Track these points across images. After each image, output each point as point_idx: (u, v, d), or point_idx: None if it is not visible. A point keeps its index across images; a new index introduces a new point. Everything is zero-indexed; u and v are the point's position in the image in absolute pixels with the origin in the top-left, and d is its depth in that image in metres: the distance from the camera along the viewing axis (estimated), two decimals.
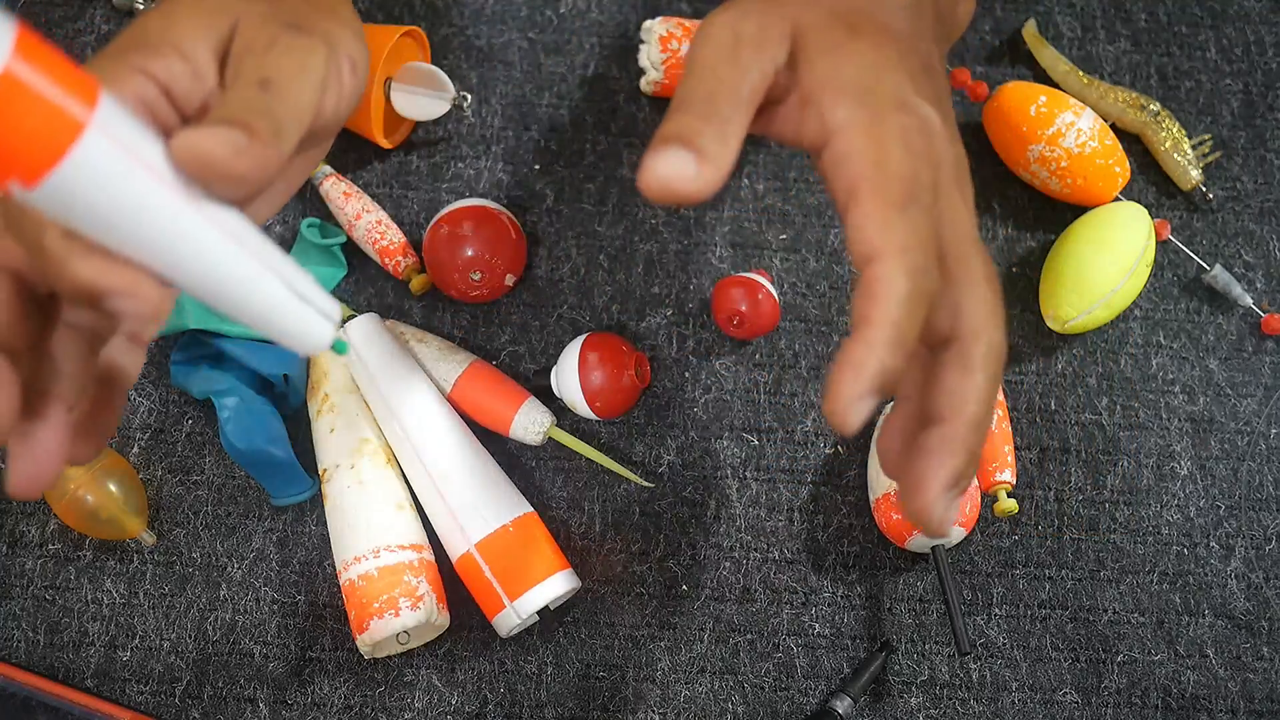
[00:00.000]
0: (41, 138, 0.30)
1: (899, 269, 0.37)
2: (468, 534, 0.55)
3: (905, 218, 0.38)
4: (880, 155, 0.38)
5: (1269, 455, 0.62)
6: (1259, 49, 0.70)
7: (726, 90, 0.40)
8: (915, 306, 0.37)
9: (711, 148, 0.39)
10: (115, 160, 0.32)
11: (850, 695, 0.56)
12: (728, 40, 0.42)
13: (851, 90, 0.40)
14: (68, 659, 0.56)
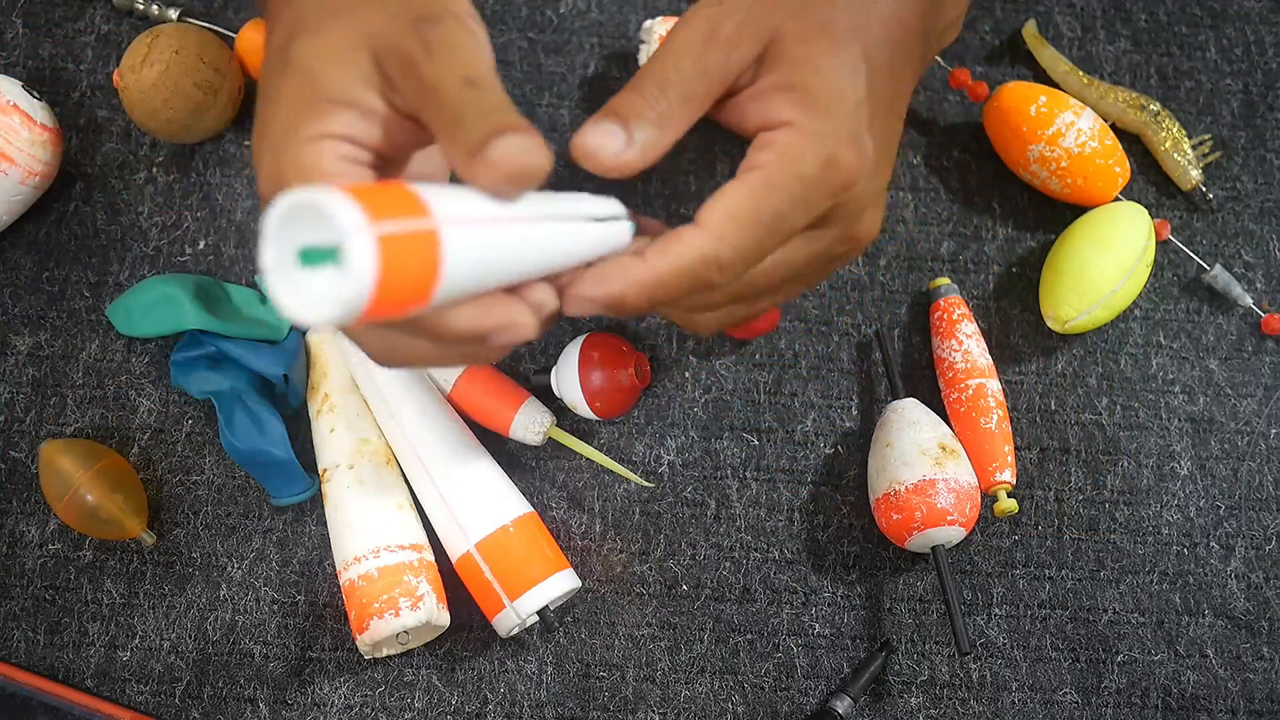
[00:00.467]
0: (418, 266, 0.33)
1: (713, 247, 0.40)
2: (468, 534, 0.55)
3: (758, 230, 0.41)
4: (793, 165, 0.41)
5: (1269, 455, 0.62)
6: (1259, 49, 0.70)
7: (682, 84, 0.42)
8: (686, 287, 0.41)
9: (644, 134, 0.41)
10: (467, 235, 0.34)
11: (850, 695, 0.56)
12: (703, 33, 0.43)
13: (811, 99, 0.42)
14: (68, 659, 0.56)
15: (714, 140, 0.67)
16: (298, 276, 0.33)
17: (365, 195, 0.32)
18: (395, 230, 0.31)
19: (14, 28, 0.68)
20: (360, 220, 0.31)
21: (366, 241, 0.31)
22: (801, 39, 0.43)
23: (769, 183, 0.41)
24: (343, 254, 0.31)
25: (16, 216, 0.62)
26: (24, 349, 0.61)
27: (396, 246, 0.31)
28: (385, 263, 0.31)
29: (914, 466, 0.56)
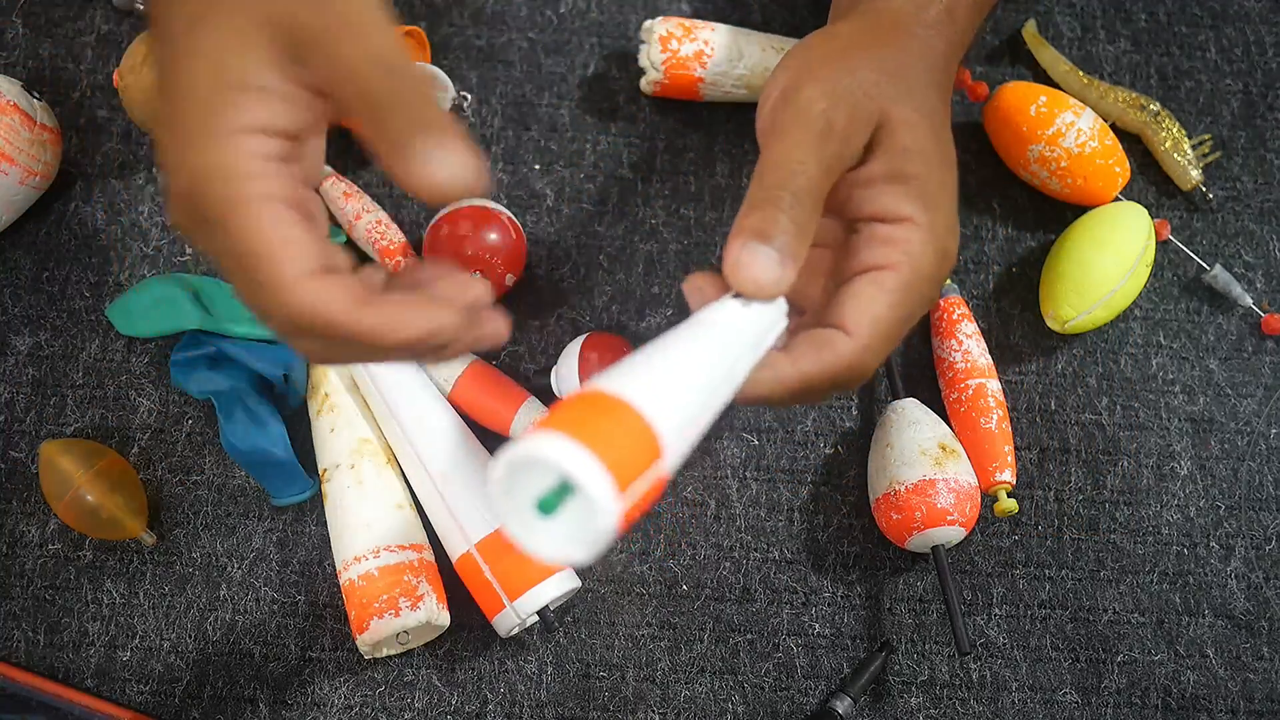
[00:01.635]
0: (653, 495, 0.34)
1: (861, 358, 0.42)
2: (468, 534, 0.55)
3: (894, 333, 0.42)
4: (920, 264, 0.43)
5: (1269, 455, 0.62)
6: (1259, 49, 0.70)
7: (812, 188, 0.42)
8: (826, 389, 0.42)
9: (790, 247, 0.41)
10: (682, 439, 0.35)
11: (850, 695, 0.56)
12: (819, 129, 0.42)
13: (924, 191, 0.43)
14: (68, 659, 0.56)
15: (714, 140, 0.67)
16: (538, 524, 0.33)
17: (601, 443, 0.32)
18: (638, 489, 0.32)
19: (14, 28, 0.68)
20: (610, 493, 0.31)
21: (612, 506, 0.32)
22: (905, 123, 0.44)
23: (904, 286, 0.42)
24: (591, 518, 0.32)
25: (17, 216, 0.62)
26: (24, 349, 0.61)
27: (639, 499, 0.33)
28: (628, 510, 0.32)
29: (914, 466, 0.56)
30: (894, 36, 0.47)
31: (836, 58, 0.45)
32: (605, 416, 0.33)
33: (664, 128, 0.67)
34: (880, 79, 0.44)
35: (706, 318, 0.40)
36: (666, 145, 0.67)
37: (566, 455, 0.31)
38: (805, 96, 0.43)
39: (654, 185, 0.66)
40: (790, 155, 0.42)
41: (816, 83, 0.43)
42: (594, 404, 0.34)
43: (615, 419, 0.33)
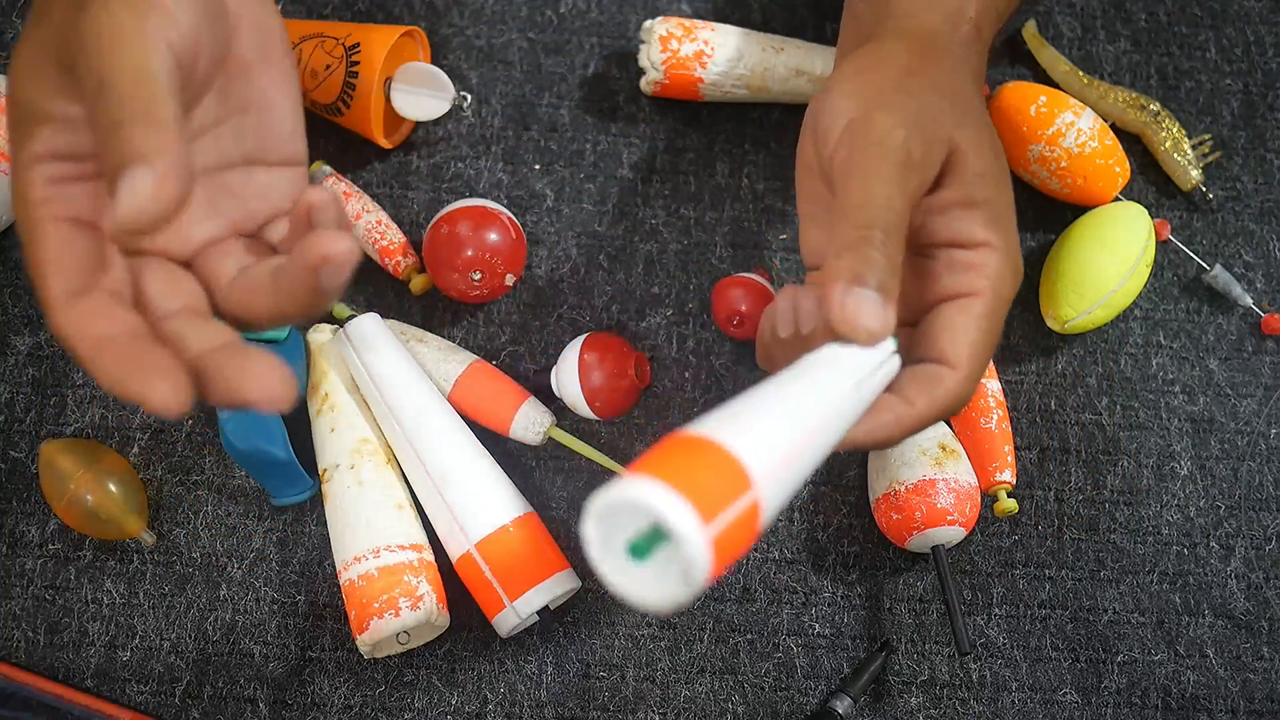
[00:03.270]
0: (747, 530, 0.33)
1: (966, 388, 0.43)
2: (468, 534, 0.55)
3: (987, 357, 0.43)
4: (1000, 287, 0.43)
5: (1269, 455, 0.62)
6: (1259, 49, 0.70)
7: (899, 223, 0.41)
8: (936, 420, 0.43)
9: (891, 285, 0.41)
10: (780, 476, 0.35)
11: (850, 695, 0.56)
12: (900, 160, 0.42)
13: (997, 215, 0.44)
14: (68, 659, 0.56)
15: (714, 140, 0.67)
16: (633, 569, 0.33)
17: (690, 485, 0.32)
18: (726, 520, 0.32)
19: (14, 28, 0.68)
20: (695, 526, 0.31)
21: (703, 545, 0.31)
22: (973, 148, 0.44)
23: (990, 312, 0.43)
24: (683, 558, 0.32)
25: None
26: (24, 349, 0.61)
27: (729, 533, 0.32)
28: (720, 550, 0.32)
29: (914, 466, 0.56)
30: (940, 57, 0.46)
31: (900, 83, 0.44)
32: (687, 455, 0.33)
33: (664, 128, 0.67)
34: (943, 104, 0.44)
35: (806, 361, 0.40)
36: (666, 145, 0.67)
37: (647, 496, 0.31)
38: (881, 126, 0.42)
39: (654, 185, 0.66)
40: (877, 190, 0.41)
41: (889, 111, 0.42)
42: (677, 445, 0.34)
43: (697, 456, 0.33)
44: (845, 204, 0.41)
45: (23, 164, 0.37)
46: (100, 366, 0.34)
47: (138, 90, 0.34)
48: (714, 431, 0.34)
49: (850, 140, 0.43)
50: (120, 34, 0.35)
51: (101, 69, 0.34)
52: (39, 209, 0.36)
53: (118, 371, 0.34)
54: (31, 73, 0.37)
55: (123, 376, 0.34)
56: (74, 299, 0.35)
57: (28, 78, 0.37)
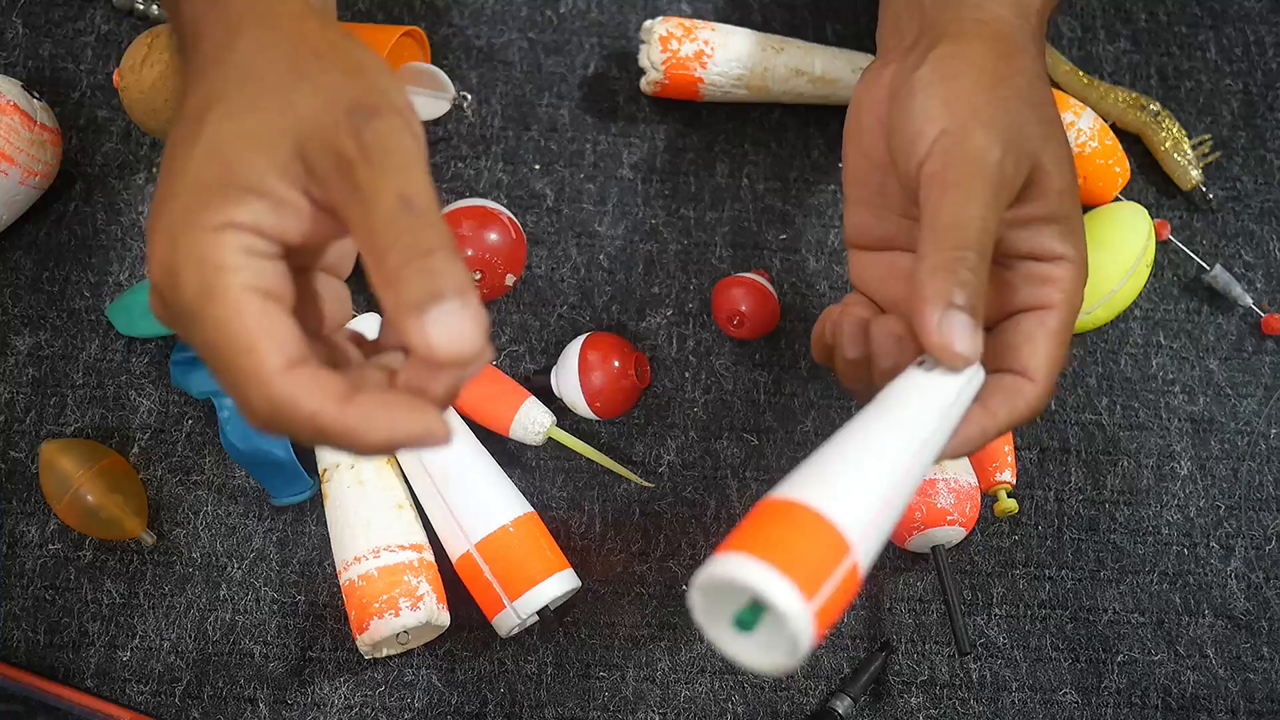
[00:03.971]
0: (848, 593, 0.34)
1: (1044, 400, 0.43)
2: (468, 534, 0.55)
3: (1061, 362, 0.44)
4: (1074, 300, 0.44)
5: (1269, 455, 0.62)
6: (1259, 49, 0.70)
7: (991, 244, 0.42)
8: (1016, 427, 0.43)
9: (981, 307, 0.41)
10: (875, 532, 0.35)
11: (850, 695, 0.56)
12: (996, 180, 0.42)
13: (1072, 230, 0.44)
14: (68, 659, 0.56)
15: (714, 140, 0.67)
16: (741, 639, 0.34)
17: (790, 561, 0.32)
18: (828, 591, 0.33)
19: (14, 28, 0.68)
20: (798, 605, 0.32)
21: (807, 621, 0.32)
22: (1055, 165, 0.44)
23: (1065, 326, 0.44)
24: (789, 635, 0.33)
25: (16, 217, 0.62)
26: (24, 349, 0.61)
27: (831, 602, 0.33)
28: (823, 618, 0.33)
29: None
30: (1019, 61, 0.46)
31: (993, 95, 0.44)
32: (783, 526, 0.34)
33: (664, 128, 0.67)
34: (1030, 118, 0.44)
35: (892, 398, 0.40)
36: (666, 145, 0.67)
37: (749, 574, 0.32)
38: (979, 144, 0.42)
39: (654, 185, 0.66)
40: (971, 211, 0.41)
41: (985, 127, 0.42)
42: (774, 513, 0.34)
43: (794, 526, 0.34)
44: (939, 221, 0.41)
45: (212, 227, 0.35)
46: (350, 423, 0.34)
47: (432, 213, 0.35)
48: (808, 496, 0.35)
49: (945, 154, 0.42)
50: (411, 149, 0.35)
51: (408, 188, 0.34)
52: (227, 276, 0.34)
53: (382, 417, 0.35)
54: (261, 145, 0.35)
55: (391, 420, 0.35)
56: (294, 368, 0.35)
57: (255, 149, 0.35)
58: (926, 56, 0.45)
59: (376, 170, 0.35)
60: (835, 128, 0.67)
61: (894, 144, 0.45)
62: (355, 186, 0.35)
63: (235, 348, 0.34)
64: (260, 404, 0.35)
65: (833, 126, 0.67)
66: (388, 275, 0.34)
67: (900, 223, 0.48)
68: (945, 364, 0.40)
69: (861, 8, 0.70)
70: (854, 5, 0.70)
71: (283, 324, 0.35)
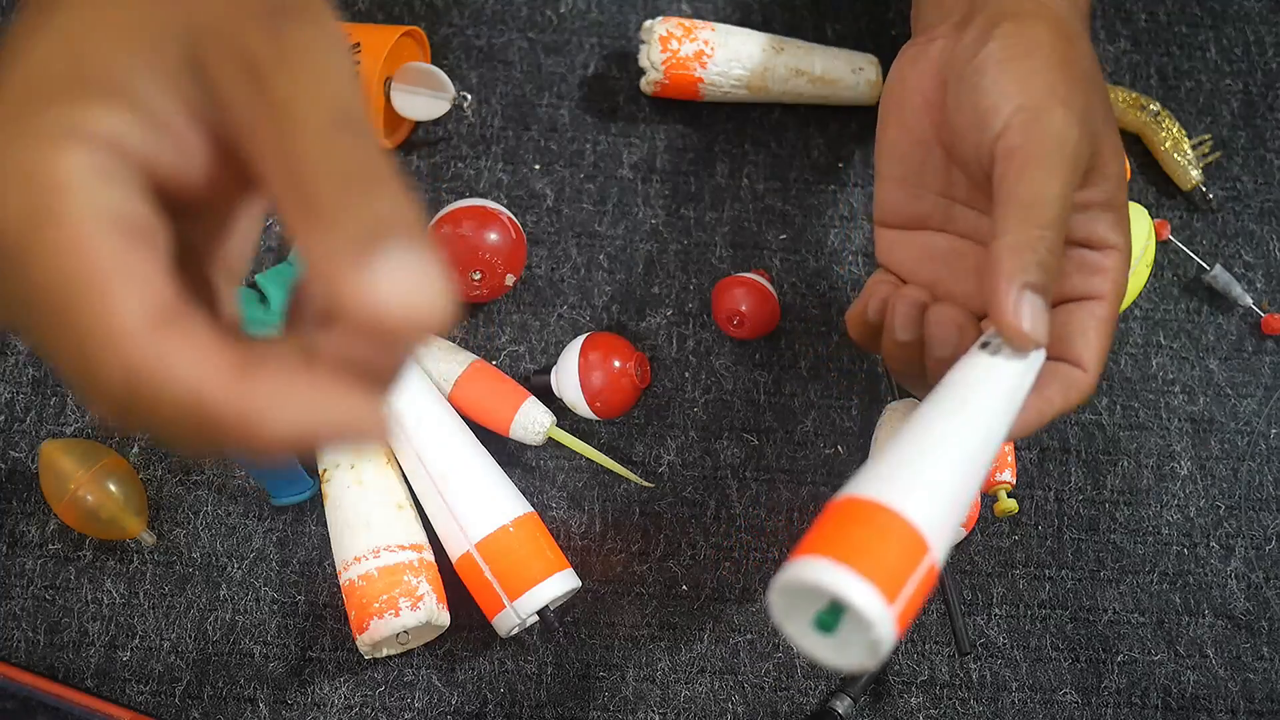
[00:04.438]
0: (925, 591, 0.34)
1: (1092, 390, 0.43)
2: (468, 534, 0.55)
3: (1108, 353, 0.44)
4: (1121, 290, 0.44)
5: (1269, 455, 0.62)
6: (1259, 49, 0.70)
7: (1065, 225, 0.41)
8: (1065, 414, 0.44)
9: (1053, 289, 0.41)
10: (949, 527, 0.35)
11: (850, 695, 0.56)
12: (1074, 161, 0.42)
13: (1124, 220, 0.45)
14: (68, 659, 0.56)
15: (714, 140, 0.67)
16: (822, 639, 0.34)
17: (871, 563, 0.33)
18: (909, 593, 0.33)
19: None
20: (881, 609, 0.32)
21: (890, 624, 0.32)
22: (1113, 151, 0.44)
23: (1112, 316, 0.44)
24: (872, 638, 0.33)
25: None
26: (24, 349, 0.61)
27: (912, 602, 0.33)
28: (904, 619, 0.33)
29: None
30: (1080, 45, 0.46)
31: (1063, 73, 0.43)
32: (864, 528, 0.34)
33: (664, 128, 0.67)
34: (1095, 102, 0.44)
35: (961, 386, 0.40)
36: (666, 145, 0.67)
37: (832, 579, 0.32)
38: (1059, 123, 0.42)
39: (654, 185, 0.66)
40: (1052, 189, 0.41)
41: (1063, 108, 0.42)
42: (851, 515, 0.34)
43: (875, 528, 0.34)
44: (1019, 198, 0.41)
45: (52, 134, 0.24)
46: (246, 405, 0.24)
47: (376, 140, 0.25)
48: (885, 495, 0.35)
49: (1024, 130, 0.42)
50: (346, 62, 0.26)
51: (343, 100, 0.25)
52: (70, 198, 0.24)
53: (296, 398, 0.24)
54: (139, 42, 0.25)
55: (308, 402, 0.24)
56: (165, 325, 0.24)
57: (129, 45, 0.25)
58: (992, 33, 0.44)
59: (302, 78, 0.25)
60: (835, 128, 0.67)
61: (958, 119, 0.45)
62: (271, 100, 0.25)
63: (74, 294, 0.23)
64: (113, 375, 0.24)
65: (832, 126, 0.67)
66: (316, 211, 0.24)
67: (937, 202, 0.48)
68: (1014, 345, 0.40)
69: (861, 8, 0.70)
70: (854, 5, 0.70)
71: (148, 262, 0.24)
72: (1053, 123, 0.41)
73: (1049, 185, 0.41)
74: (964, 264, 0.48)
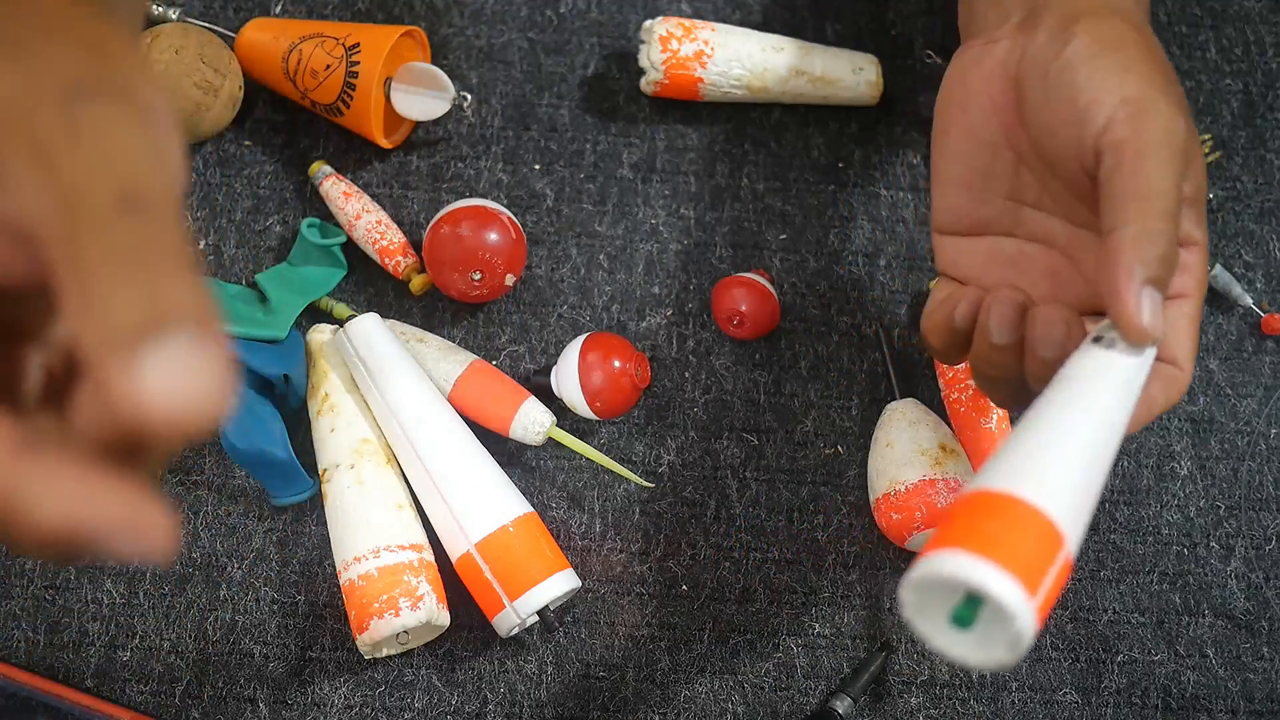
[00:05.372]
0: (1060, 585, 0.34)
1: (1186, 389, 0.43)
2: (468, 534, 0.55)
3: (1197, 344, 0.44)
4: (1203, 289, 0.44)
5: (1269, 455, 0.62)
6: (1259, 49, 0.70)
7: (1179, 220, 0.41)
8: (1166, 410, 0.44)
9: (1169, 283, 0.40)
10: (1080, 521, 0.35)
11: (850, 695, 0.56)
12: (1184, 155, 0.41)
13: (1204, 217, 0.44)
14: (68, 659, 0.56)
15: (714, 140, 0.67)
16: (958, 635, 0.34)
17: (1010, 556, 0.32)
18: (1048, 586, 0.33)
19: None
20: (1023, 603, 0.32)
21: (1032, 617, 0.32)
22: (1197, 145, 0.43)
23: (1199, 313, 0.44)
24: (1014, 632, 0.32)
25: None
26: None
27: (1050, 595, 0.33)
28: (1043, 612, 0.33)
29: (914, 466, 0.56)
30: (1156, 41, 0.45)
31: (1157, 66, 0.43)
32: (999, 520, 0.33)
33: (664, 128, 0.67)
34: (1179, 96, 0.43)
35: (1081, 378, 0.39)
36: (666, 145, 0.67)
37: (971, 572, 0.32)
38: (1166, 115, 0.41)
39: (654, 185, 0.66)
40: (1165, 183, 0.40)
41: (1170, 102, 0.42)
42: (986, 507, 0.34)
43: (1012, 521, 0.33)
44: (1136, 190, 0.40)
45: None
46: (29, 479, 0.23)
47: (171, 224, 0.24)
48: (1017, 487, 0.34)
49: (1133, 121, 0.41)
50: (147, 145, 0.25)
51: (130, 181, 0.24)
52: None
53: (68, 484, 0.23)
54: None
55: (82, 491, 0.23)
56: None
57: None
58: (1072, 31, 0.44)
59: (90, 160, 0.24)
60: (835, 128, 0.67)
61: (1046, 118, 0.44)
62: (58, 185, 0.24)
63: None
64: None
65: (832, 126, 0.67)
66: (89, 297, 0.23)
67: (1005, 205, 0.47)
68: (1132, 339, 0.39)
69: (861, 8, 0.70)
70: (854, 5, 0.70)
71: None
72: (1160, 115, 0.41)
73: (1164, 178, 0.40)
74: (1034, 267, 0.47)
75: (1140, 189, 0.40)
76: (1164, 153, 0.40)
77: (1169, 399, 0.43)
